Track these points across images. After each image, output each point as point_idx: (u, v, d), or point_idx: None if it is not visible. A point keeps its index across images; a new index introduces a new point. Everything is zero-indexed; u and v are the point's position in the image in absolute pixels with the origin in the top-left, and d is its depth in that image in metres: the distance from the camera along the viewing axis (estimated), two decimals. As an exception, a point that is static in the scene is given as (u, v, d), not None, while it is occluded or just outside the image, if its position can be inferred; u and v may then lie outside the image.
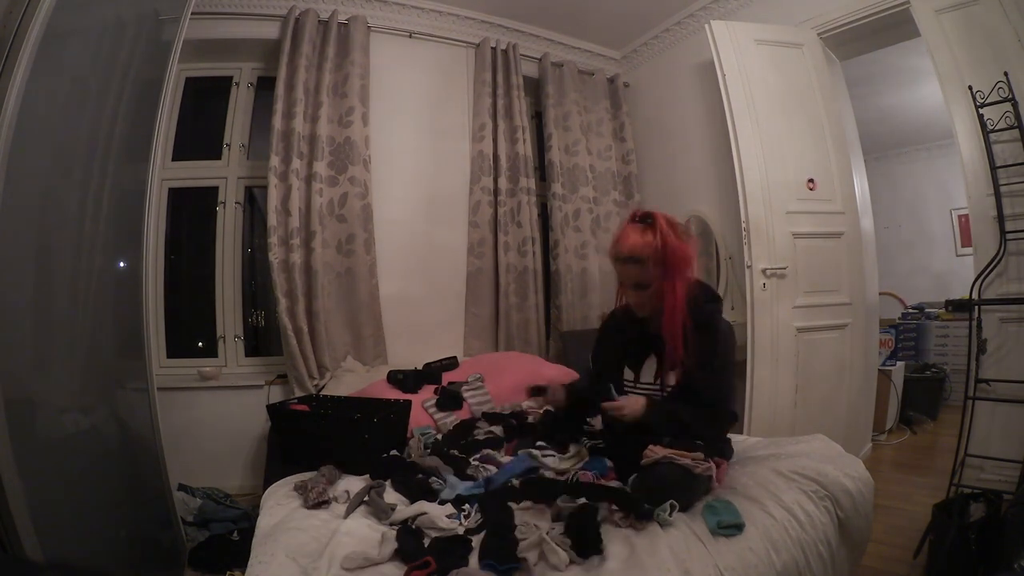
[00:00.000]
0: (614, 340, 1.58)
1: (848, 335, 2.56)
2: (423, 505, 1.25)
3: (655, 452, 1.26)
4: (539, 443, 1.54)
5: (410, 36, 3.08)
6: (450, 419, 2.10)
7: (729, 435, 1.50)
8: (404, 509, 1.25)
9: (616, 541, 1.07)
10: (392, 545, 1.05)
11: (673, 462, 1.23)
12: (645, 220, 1.38)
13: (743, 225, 2.47)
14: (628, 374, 1.52)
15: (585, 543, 1.03)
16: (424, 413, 2.14)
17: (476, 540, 1.10)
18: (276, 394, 2.65)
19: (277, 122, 2.63)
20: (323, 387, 2.59)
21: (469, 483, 1.39)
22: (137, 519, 1.78)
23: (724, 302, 3.03)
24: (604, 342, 1.64)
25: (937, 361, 3.99)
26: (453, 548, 1.06)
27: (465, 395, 2.25)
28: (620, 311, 1.57)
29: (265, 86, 2.91)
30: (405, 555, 1.04)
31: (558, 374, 2.64)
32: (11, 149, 1.23)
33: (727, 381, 1.41)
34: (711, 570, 1.01)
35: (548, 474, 1.40)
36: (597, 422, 1.63)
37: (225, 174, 2.88)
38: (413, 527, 1.15)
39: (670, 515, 1.12)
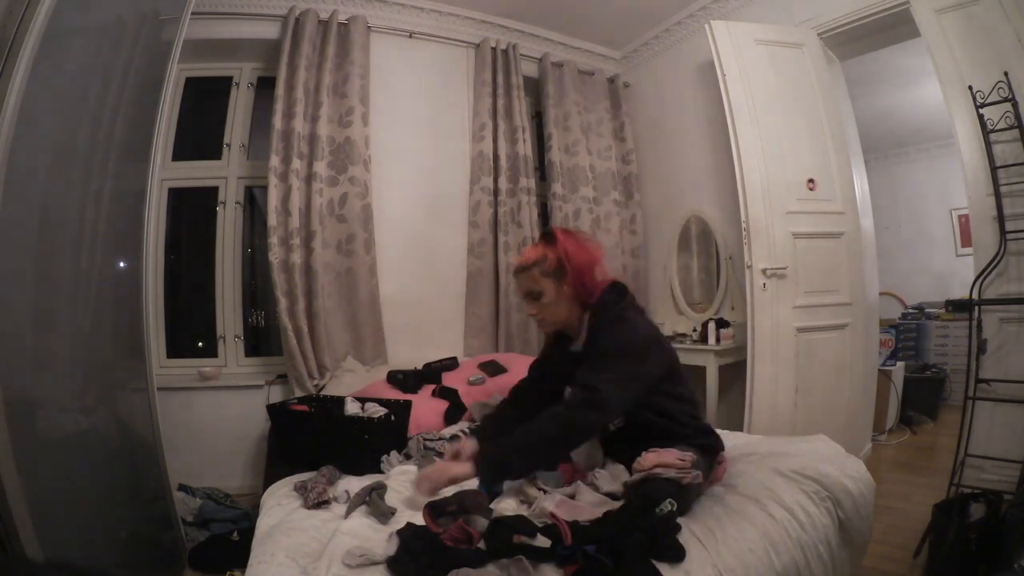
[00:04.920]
0: (549, 358, 1.50)
1: (848, 335, 2.56)
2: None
3: (645, 461, 1.20)
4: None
5: (410, 36, 3.08)
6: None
7: (719, 431, 1.46)
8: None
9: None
10: (397, 546, 1.05)
11: (659, 477, 1.17)
12: (543, 235, 1.40)
13: (743, 225, 2.47)
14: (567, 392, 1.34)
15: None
16: (427, 413, 2.13)
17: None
18: (276, 394, 2.65)
19: (277, 122, 2.63)
20: (323, 387, 2.59)
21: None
22: (137, 519, 1.78)
23: (726, 303, 3.04)
24: (540, 360, 1.55)
25: (937, 361, 4.00)
26: (478, 499, 1.14)
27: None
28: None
29: (265, 86, 2.91)
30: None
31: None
32: (11, 149, 1.23)
33: (603, 375, 1.21)
34: (710, 570, 1.01)
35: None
36: None
37: (225, 174, 2.88)
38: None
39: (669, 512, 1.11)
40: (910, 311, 4.52)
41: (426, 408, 2.15)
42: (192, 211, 2.99)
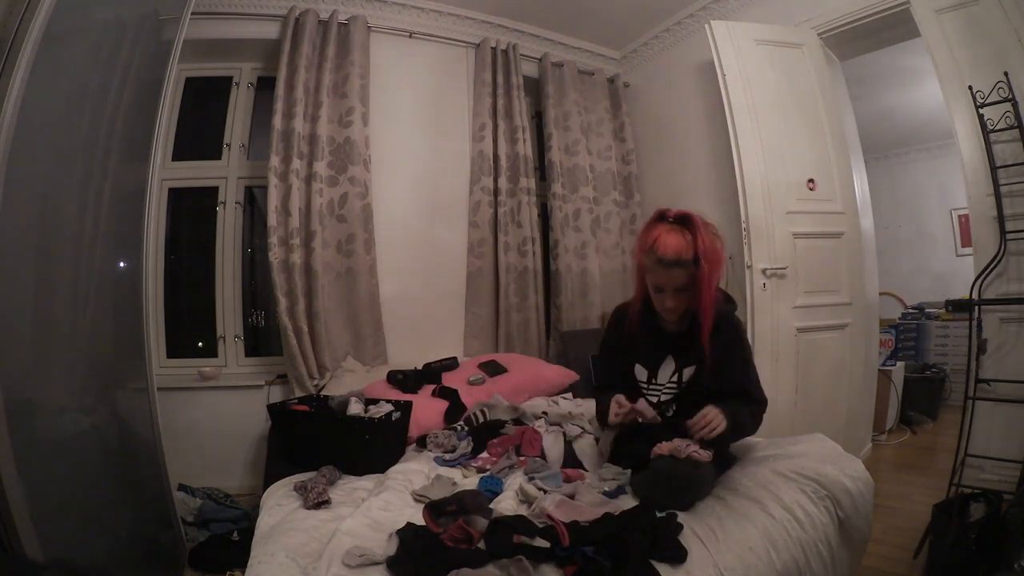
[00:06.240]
0: (625, 337, 1.52)
1: (848, 335, 2.56)
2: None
3: (662, 448, 1.27)
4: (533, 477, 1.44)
5: (410, 36, 3.08)
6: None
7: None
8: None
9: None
10: (397, 546, 1.05)
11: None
12: (682, 222, 1.31)
13: (743, 225, 2.47)
14: (641, 373, 1.49)
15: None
16: (427, 413, 2.13)
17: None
18: (276, 394, 2.65)
19: (277, 122, 2.62)
20: (323, 387, 2.59)
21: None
22: (137, 519, 1.78)
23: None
24: (615, 339, 1.56)
25: (937, 361, 4.00)
26: (478, 499, 1.16)
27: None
28: (634, 308, 1.49)
29: (265, 86, 2.91)
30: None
31: (558, 375, 2.64)
32: (11, 149, 1.23)
33: (757, 375, 1.49)
34: (711, 570, 1.01)
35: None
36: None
37: (225, 174, 2.88)
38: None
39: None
40: (910, 311, 4.51)
41: (426, 408, 2.14)
42: (192, 211, 2.99)
